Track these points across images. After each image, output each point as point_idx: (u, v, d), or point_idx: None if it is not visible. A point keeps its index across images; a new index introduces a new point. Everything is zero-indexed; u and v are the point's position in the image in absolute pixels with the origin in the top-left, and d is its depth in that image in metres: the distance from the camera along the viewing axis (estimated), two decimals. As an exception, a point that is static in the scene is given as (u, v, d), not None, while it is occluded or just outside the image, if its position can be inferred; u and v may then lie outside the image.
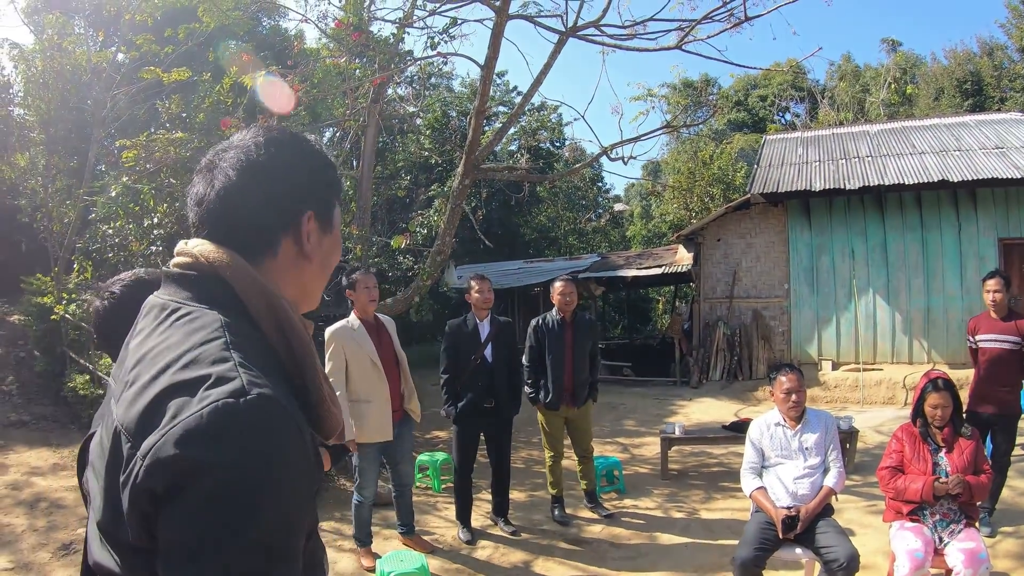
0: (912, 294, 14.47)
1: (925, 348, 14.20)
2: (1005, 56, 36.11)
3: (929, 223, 14.54)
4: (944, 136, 16.52)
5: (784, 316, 15.23)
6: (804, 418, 4.96)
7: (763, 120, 42.69)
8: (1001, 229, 14.15)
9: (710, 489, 8.00)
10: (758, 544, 4.59)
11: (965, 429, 4.80)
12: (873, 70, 41.88)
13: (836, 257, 14.95)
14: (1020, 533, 6.34)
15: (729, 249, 15.68)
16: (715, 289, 15.70)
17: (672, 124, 11.59)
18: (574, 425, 7.10)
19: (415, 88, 16.18)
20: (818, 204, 15.08)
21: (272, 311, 1.25)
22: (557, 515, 7.01)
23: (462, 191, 9.81)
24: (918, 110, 32.67)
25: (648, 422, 11.67)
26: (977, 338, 6.43)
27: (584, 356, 6.97)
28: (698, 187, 25.32)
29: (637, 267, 17.55)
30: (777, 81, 44.25)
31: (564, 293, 6.91)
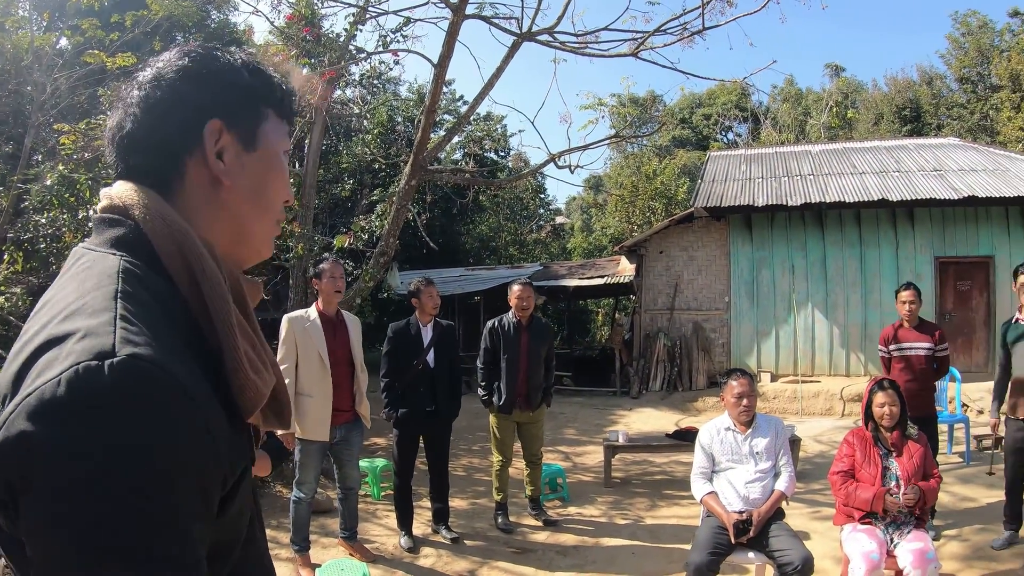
0: (850, 308, 14.87)
1: (862, 361, 14.57)
2: (944, 85, 37.49)
3: (868, 240, 14.96)
4: (884, 158, 17.10)
5: (724, 328, 15.41)
6: (755, 423, 4.95)
7: (707, 138, 43.41)
8: (937, 248, 14.71)
9: (654, 496, 7.98)
10: (711, 548, 4.55)
11: (911, 430, 4.87)
12: (815, 94, 43.07)
13: (776, 271, 15.21)
14: (963, 536, 6.52)
15: (671, 261, 15.80)
16: (656, 301, 15.79)
17: (620, 134, 11.60)
18: (525, 430, 7.01)
19: (363, 90, 15.99)
20: (760, 219, 15.36)
21: (182, 254, 1.01)
22: (501, 522, 6.89)
23: (408, 192, 9.66)
24: (857, 134, 33.53)
25: (589, 431, 11.63)
26: (892, 347, 6.74)
27: (539, 360, 6.90)
28: (640, 201, 25.53)
29: (580, 277, 17.57)
30: (722, 101, 45.07)
31: (522, 296, 6.84)
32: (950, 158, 16.64)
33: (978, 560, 5.97)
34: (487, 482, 8.09)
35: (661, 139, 41.06)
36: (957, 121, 33.26)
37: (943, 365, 6.74)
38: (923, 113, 35.90)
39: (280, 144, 1.22)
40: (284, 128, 1.24)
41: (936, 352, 6.61)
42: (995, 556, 6.01)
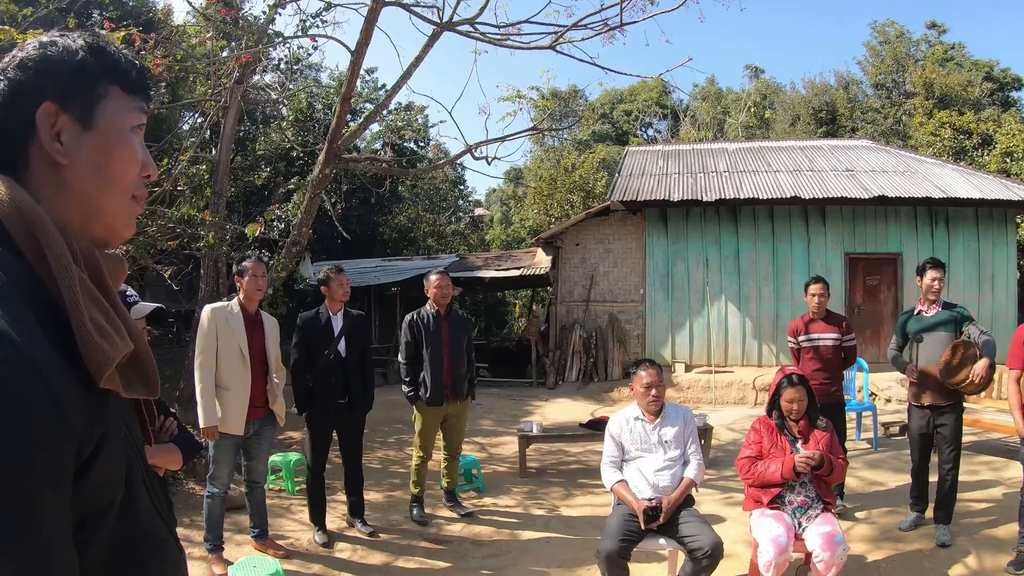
0: (762, 301, 15.33)
1: (774, 351, 15.03)
2: (860, 90, 38.95)
3: (780, 236, 15.44)
4: (799, 157, 17.66)
5: (639, 320, 15.64)
6: (663, 412, 5.03)
7: (626, 134, 43.95)
8: (848, 244, 15.39)
9: (569, 486, 8.06)
10: (622, 536, 4.60)
11: (820, 421, 5.04)
12: (735, 94, 44.07)
13: (691, 265, 15.52)
14: (872, 518, 6.81)
15: (587, 254, 15.94)
16: (572, 292, 15.91)
17: (537, 127, 11.60)
18: (450, 423, 7.00)
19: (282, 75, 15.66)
20: (675, 214, 15.63)
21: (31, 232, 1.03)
22: (416, 515, 6.86)
23: (322, 180, 9.50)
24: (774, 134, 34.47)
25: (505, 422, 11.67)
26: (802, 338, 6.94)
27: (461, 350, 6.91)
28: (559, 194, 25.64)
29: (496, 268, 17.56)
30: (643, 98, 45.67)
31: (440, 286, 6.81)
32: (862, 159, 17.32)
33: (887, 541, 6.24)
34: (403, 475, 8.06)
35: (581, 133, 41.33)
36: (871, 125, 34.45)
37: (850, 355, 6.97)
38: (839, 116, 37.05)
39: (126, 119, 1.21)
40: (132, 103, 1.23)
41: (843, 343, 6.85)
42: (903, 537, 6.30)
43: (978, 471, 8.34)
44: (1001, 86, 36.10)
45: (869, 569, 5.71)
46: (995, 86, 35.59)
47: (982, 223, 15.60)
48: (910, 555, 5.95)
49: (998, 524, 6.51)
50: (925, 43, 38.93)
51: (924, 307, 6.42)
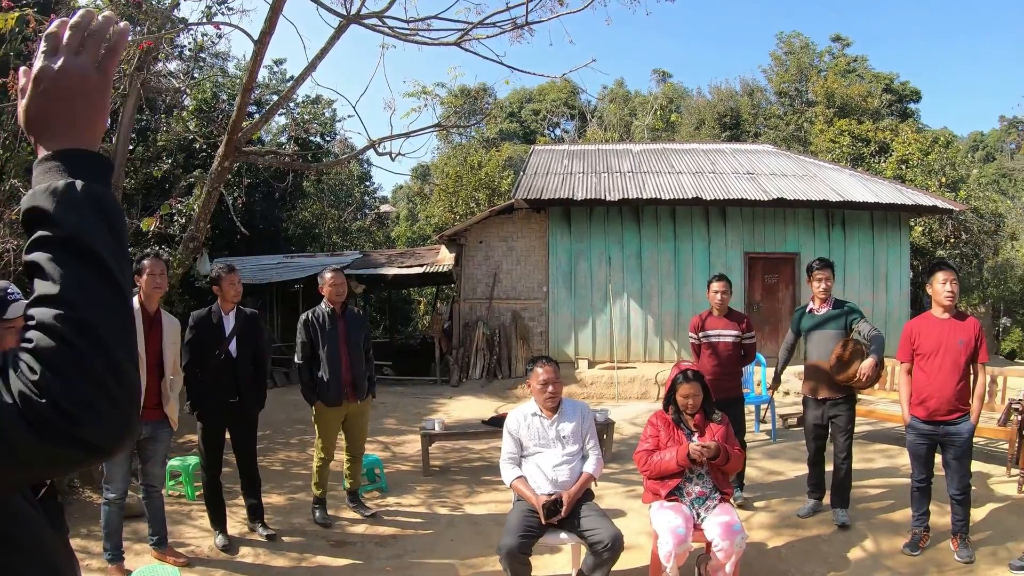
0: (664, 299, 15.65)
1: (675, 348, 15.39)
2: (764, 97, 40.30)
3: (682, 235, 15.77)
4: (701, 159, 18.11)
5: (543, 317, 15.72)
6: (560, 408, 5.08)
7: (534, 133, 44.31)
8: (747, 244, 15.86)
9: (473, 483, 8.05)
10: (522, 532, 4.63)
11: (716, 415, 5.16)
12: (642, 96, 44.83)
13: (594, 263, 15.68)
14: (772, 506, 7.06)
15: (491, 251, 15.94)
16: (476, 290, 15.88)
17: (443, 124, 11.54)
18: (352, 423, 6.88)
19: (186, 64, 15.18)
20: (579, 213, 15.76)
21: None
22: (319, 517, 6.72)
23: (221, 174, 9.21)
24: (680, 137, 35.26)
25: (409, 420, 11.56)
26: (703, 334, 7.06)
27: (359, 348, 6.80)
28: (464, 191, 25.61)
29: (399, 265, 17.38)
30: (551, 98, 46.04)
31: (335, 284, 6.69)
32: (763, 163, 17.92)
33: (786, 528, 6.48)
34: (305, 476, 7.89)
35: (489, 131, 41.40)
36: (773, 131, 35.66)
37: (750, 352, 7.14)
38: (743, 121, 38.24)
39: None
40: None
41: (743, 340, 7.01)
42: (801, 524, 6.56)
43: (873, 459, 8.78)
44: (900, 98, 37.93)
45: (770, 555, 5.90)
46: (894, 98, 37.36)
47: (877, 226, 16.32)
48: (809, 540, 6.18)
49: (894, 508, 6.84)
50: (829, 55, 40.73)
51: (816, 305, 6.71)
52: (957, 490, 5.69)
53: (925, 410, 5.70)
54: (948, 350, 5.64)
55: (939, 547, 5.88)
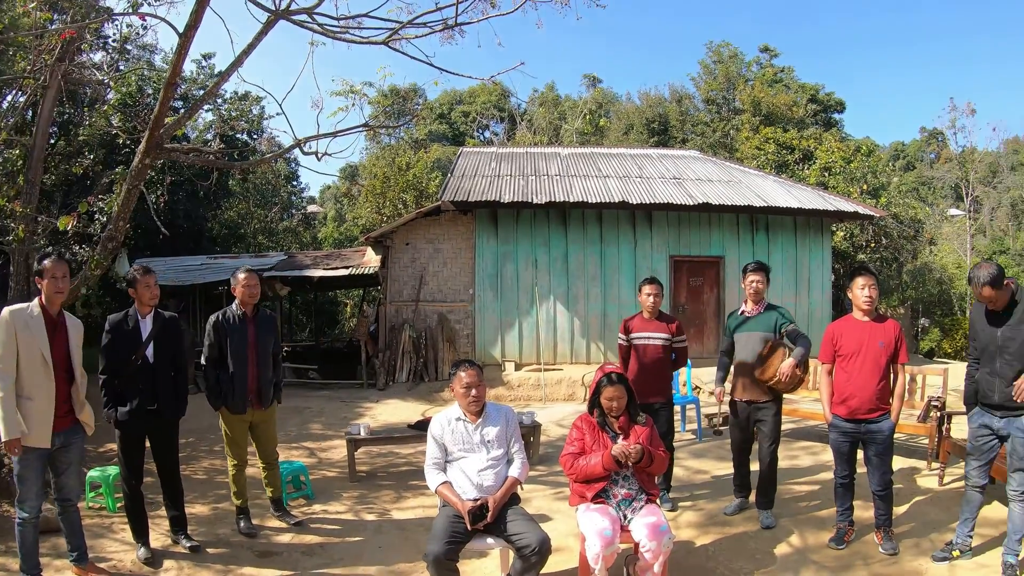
0: (590, 301, 15.77)
1: (602, 349, 15.53)
2: (692, 104, 41.26)
3: (608, 238, 15.90)
4: (628, 164, 18.32)
5: (469, 319, 15.70)
6: (484, 412, 5.06)
7: (463, 135, 44.40)
8: (672, 247, 16.10)
9: (400, 488, 7.95)
10: (448, 538, 4.59)
11: (640, 417, 5.18)
12: (572, 101, 45.30)
13: (520, 265, 15.72)
14: (699, 505, 7.16)
15: (417, 253, 15.84)
16: (402, 292, 15.76)
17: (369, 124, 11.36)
18: (259, 430, 6.65)
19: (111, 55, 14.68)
20: (506, 215, 15.77)
21: None
22: (243, 526, 6.50)
23: (141, 171, 8.88)
24: (608, 141, 35.64)
25: (335, 425, 11.38)
26: (632, 335, 7.04)
27: (267, 354, 6.57)
28: (392, 192, 25.42)
29: (324, 267, 17.12)
30: (482, 100, 46.15)
31: (248, 285, 6.46)
32: (690, 168, 18.23)
33: (713, 526, 6.56)
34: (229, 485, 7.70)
35: (418, 132, 41.28)
36: (700, 137, 36.44)
37: (681, 356, 7.14)
38: (671, 127, 39.03)
39: None
40: None
41: (673, 343, 7.01)
42: (728, 521, 6.66)
43: (798, 456, 9.02)
44: (825, 108, 39.22)
45: (698, 553, 5.96)
46: (819, 107, 38.61)
47: (800, 230, 16.79)
48: (736, 538, 6.28)
49: (818, 504, 7.01)
50: (757, 65, 41.80)
51: (748, 307, 6.78)
52: (879, 486, 5.84)
53: (846, 409, 5.84)
54: (869, 351, 5.78)
55: (864, 540, 6.02)
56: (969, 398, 5.75)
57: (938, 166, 51.78)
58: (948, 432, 7.66)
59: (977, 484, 5.62)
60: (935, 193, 48.84)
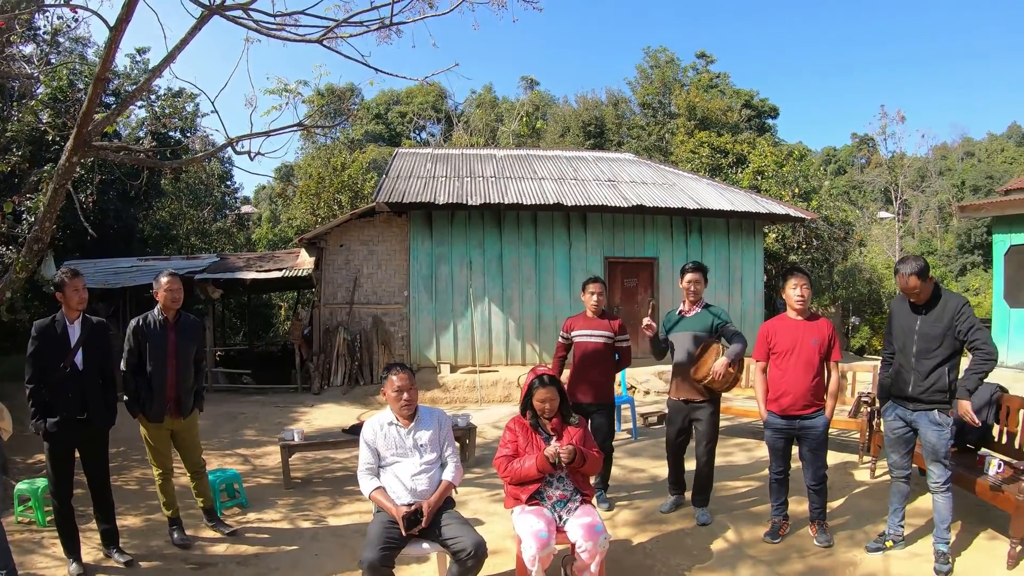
0: (525, 302, 15.87)
1: (537, 351, 15.63)
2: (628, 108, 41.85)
3: (543, 240, 16.01)
4: (564, 166, 18.47)
5: (404, 322, 15.65)
6: (417, 416, 5.03)
7: (400, 135, 44.32)
8: (607, 249, 16.27)
9: (336, 494, 7.84)
10: (383, 544, 4.54)
11: (573, 418, 5.20)
12: (509, 103, 45.42)
13: (455, 267, 15.73)
14: (634, 504, 7.21)
15: (351, 255, 15.73)
16: (336, 295, 15.63)
17: (303, 124, 11.19)
18: (180, 438, 6.44)
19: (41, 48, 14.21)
20: (441, 217, 15.76)
21: None
22: (176, 538, 6.30)
23: (69, 169, 8.60)
24: (544, 144, 35.87)
25: (269, 431, 11.18)
26: (574, 334, 7.05)
27: (189, 361, 6.36)
28: (327, 193, 25.20)
29: (257, 270, 16.80)
30: (419, 100, 46.01)
31: (171, 289, 6.23)
32: (624, 171, 18.45)
33: (650, 524, 6.61)
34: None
35: (355, 133, 41.01)
36: (636, 140, 36.92)
37: (624, 355, 7.14)
38: (607, 131, 39.44)
39: None
40: None
41: (616, 341, 7.02)
42: (665, 519, 6.74)
43: (732, 453, 9.21)
44: (759, 113, 40.07)
45: (636, 551, 5.99)
46: (753, 113, 39.44)
47: (732, 232, 17.13)
48: (673, 535, 6.34)
49: (754, 500, 7.17)
50: (693, 70, 42.46)
51: (685, 307, 6.85)
52: (813, 480, 5.97)
53: (781, 406, 5.95)
54: (802, 349, 5.90)
55: (799, 534, 6.15)
56: (883, 392, 5.94)
57: (868, 171, 53.35)
58: (878, 426, 7.87)
59: (902, 475, 5.82)
60: (866, 196, 50.24)
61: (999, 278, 13.41)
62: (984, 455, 6.52)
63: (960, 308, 5.31)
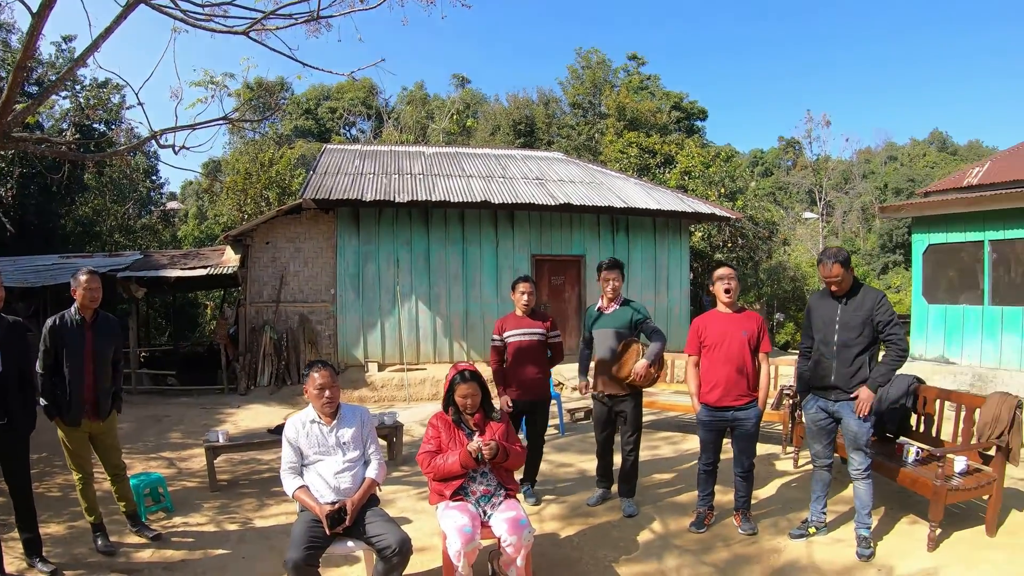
0: (452, 300, 15.93)
1: (464, 348, 15.74)
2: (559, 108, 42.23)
3: (470, 238, 16.08)
4: (492, 164, 18.57)
5: (331, 320, 15.51)
6: (339, 414, 5.02)
7: (330, 131, 43.99)
8: (534, 246, 16.43)
9: (263, 496, 7.77)
10: (307, 543, 4.52)
11: (495, 414, 5.28)
12: (441, 100, 45.37)
13: (382, 265, 15.67)
14: (562, 499, 7.33)
15: (278, 253, 15.51)
16: (262, 293, 15.39)
17: (229, 118, 11.05)
18: (99, 441, 6.26)
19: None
20: (368, 214, 15.69)
21: None
22: (101, 545, 6.12)
23: (-16, 163, 8.40)
24: (475, 142, 35.96)
25: (195, 433, 10.99)
26: (507, 334, 7.09)
27: (106, 362, 6.18)
28: (254, 189, 24.87)
29: (182, 267, 16.45)
30: (349, 97, 45.61)
31: (90, 287, 6.04)
32: (553, 170, 18.64)
33: (577, 517, 6.72)
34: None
35: (284, 128, 40.55)
36: (566, 140, 37.32)
37: (556, 351, 7.28)
38: (537, 129, 39.71)
39: None
40: None
41: (549, 339, 7.15)
42: (592, 512, 6.86)
43: (658, 446, 9.47)
44: (688, 115, 40.76)
45: (563, 544, 6.09)
46: (682, 115, 40.12)
47: (659, 231, 17.46)
48: (600, 527, 6.47)
49: (679, 491, 7.40)
50: (624, 71, 42.78)
51: (604, 304, 6.96)
52: (743, 469, 6.19)
53: (712, 398, 6.12)
54: (732, 341, 6.07)
55: (724, 523, 6.38)
56: (802, 385, 6.17)
57: (794, 173, 54.67)
58: (800, 417, 8.23)
59: (824, 464, 6.05)
60: (791, 197, 51.51)
61: (918, 276, 13.95)
62: (903, 443, 6.88)
63: (879, 300, 5.54)
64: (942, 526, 5.81)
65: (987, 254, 12.46)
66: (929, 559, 5.57)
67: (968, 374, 12.18)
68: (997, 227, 12.32)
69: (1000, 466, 6.08)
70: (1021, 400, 6.19)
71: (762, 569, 5.57)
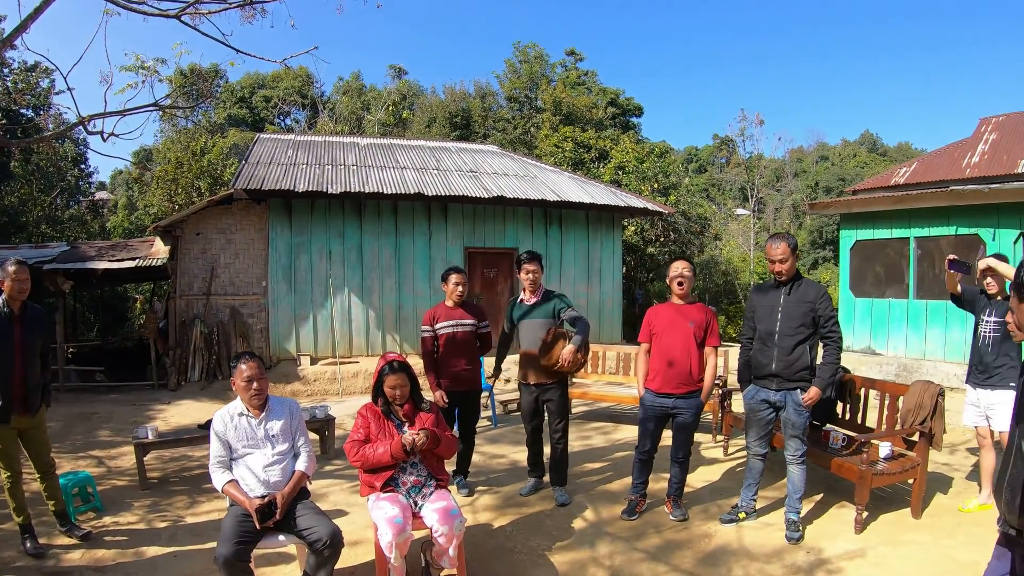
0: (384, 293, 15.90)
1: (397, 341, 15.79)
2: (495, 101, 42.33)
3: (403, 230, 16.08)
4: (426, 156, 18.53)
5: (262, 313, 15.34)
6: (268, 406, 5.00)
7: (264, 120, 43.50)
8: (467, 239, 16.50)
9: (194, 492, 7.71)
10: (237, 538, 4.49)
11: (425, 404, 5.33)
12: (377, 91, 45.07)
13: (314, 256, 15.55)
14: (494, 489, 7.46)
15: (208, 244, 15.25)
16: (192, 285, 15.13)
17: (159, 104, 10.85)
18: (29, 437, 6.13)
19: None
20: (300, 205, 15.53)
21: None
22: (29, 547, 5.99)
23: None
24: (411, 133, 35.96)
25: (125, 430, 10.77)
26: (439, 325, 7.16)
27: (35, 356, 6.03)
28: (185, 179, 24.47)
29: (110, 259, 16.08)
30: (284, 85, 45.07)
31: (19, 278, 5.88)
32: (487, 162, 18.72)
33: (510, 507, 6.84)
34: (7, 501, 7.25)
35: (217, 116, 39.93)
36: (502, 133, 37.41)
37: (486, 341, 7.40)
38: (473, 122, 39.79)
39: None
40: None
41: (479, 329, 7.28)
42: (525, 502, 6.99)
43: (590, 436, 9.69)
44: (624, 111, 41.19)
45: (497, 534, 6.17)
46: (618, 111, 40.49)
47: (592, 224, 17.69)
48: (533, 517, 6.59)
49: (612, 480, 7.60)
50: (561, 67, 43.18)
51: (526, 296, 7.14)
52: (681, 455, 6.39)
53: (658, 384, 6.29)
54: (679, 329, 6.25)
55: (655, 511, 6.58)
56: (743, 374, 6.35)
57: (728, 170, 55.62)
58: (730, 407, 8.60)
59: (758, 453, 6.27)
60: (725, 194, 52.45)
61: (846, 270, 14.43)
62: (829, 430, 7.19)
63: (822, 294, 5.80)
64: (868, 509, 6.12)
65: (912, 250, 12.98)
66: (856, 541, 5.83)
67: (893, 364, 12.62)
68: (922, 224, 12.83)
69: (923, 451, 6.42)
70: (943, 388, 6.51)
71: (693, 554, 5.73)
